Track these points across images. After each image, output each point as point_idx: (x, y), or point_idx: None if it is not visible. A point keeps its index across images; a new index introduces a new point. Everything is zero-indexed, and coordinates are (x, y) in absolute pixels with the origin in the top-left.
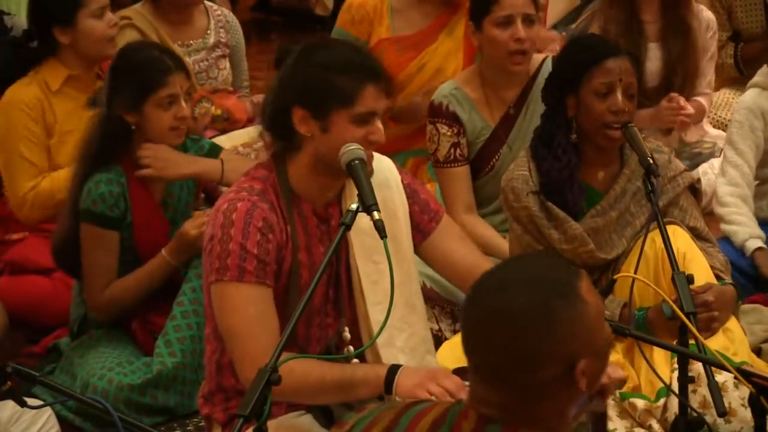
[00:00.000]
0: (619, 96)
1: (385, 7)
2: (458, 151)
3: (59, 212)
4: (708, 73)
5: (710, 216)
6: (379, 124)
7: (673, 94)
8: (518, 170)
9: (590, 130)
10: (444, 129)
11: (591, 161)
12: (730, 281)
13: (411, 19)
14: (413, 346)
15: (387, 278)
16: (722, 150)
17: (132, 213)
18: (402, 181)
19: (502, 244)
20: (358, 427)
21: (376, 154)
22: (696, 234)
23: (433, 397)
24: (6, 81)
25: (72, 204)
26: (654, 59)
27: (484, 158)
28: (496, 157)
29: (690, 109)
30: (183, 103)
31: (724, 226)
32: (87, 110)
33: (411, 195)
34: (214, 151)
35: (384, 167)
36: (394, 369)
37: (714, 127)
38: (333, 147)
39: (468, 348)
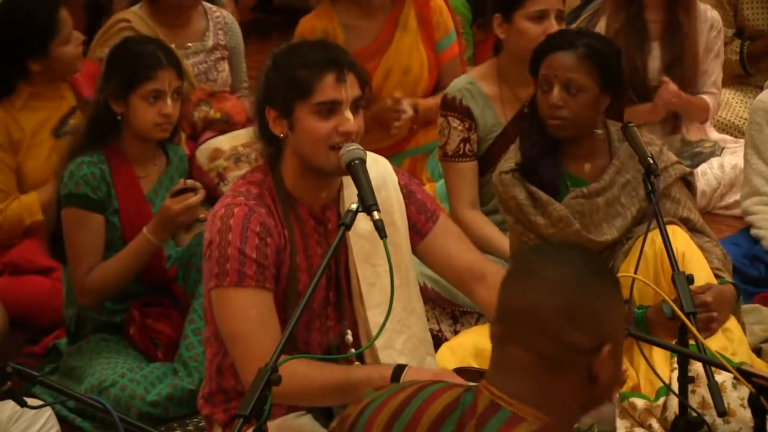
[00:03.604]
0: (555, 92)
1: (336, 26)
2: (467, 146)
3: (47, 205)
4: (713, 72)
5: (710, 216)
6: (349, 114)
7: (665, 78)
8: (506, 163)
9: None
10: (455, 123)
11: (572, 153)
12: (730, 279)
13: (364, 30)
14: (412, 348)
15: (384, 280)
16: (735, 152)
17: (118, 201)
18: (399, 182)
19: (503, 241)
20: (373, 405)
21: (372, 155)
22: (690, 226)
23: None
24: None
25: (58, 192)
26: (656, 58)
27: (493, 155)
28: (505, 154)
29: (682, 94)
30: (168, 101)
31: (753, 231)
32: (55, 117)
33: (407, 196)
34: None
35: (381, 169)
36: (399, 369)
37: (715, 127)
38: (304, 144)
39: (505, 300)
